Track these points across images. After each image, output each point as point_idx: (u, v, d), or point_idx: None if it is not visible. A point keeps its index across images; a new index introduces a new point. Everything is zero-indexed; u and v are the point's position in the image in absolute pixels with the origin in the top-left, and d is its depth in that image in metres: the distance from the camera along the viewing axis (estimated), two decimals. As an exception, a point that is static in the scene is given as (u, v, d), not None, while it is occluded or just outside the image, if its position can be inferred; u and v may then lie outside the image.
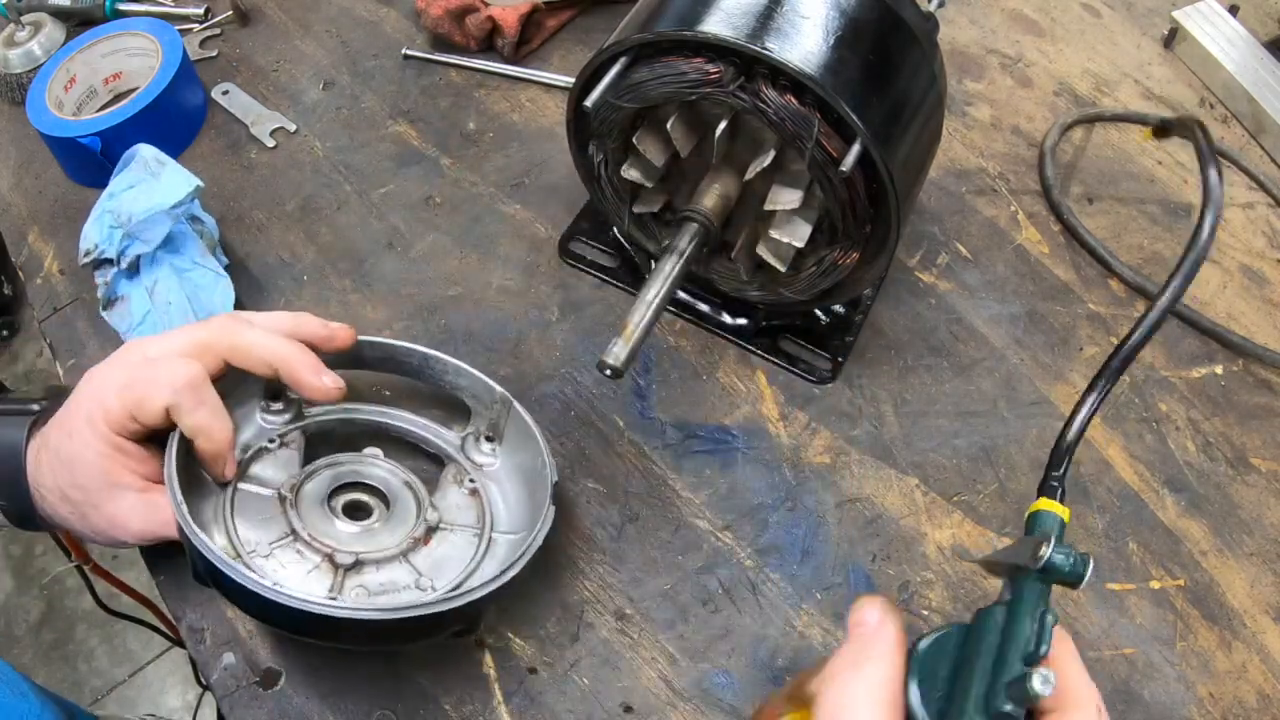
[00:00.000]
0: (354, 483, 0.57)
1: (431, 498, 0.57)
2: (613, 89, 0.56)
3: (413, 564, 0.53)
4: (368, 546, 0.53)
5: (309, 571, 0.51)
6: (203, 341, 0.51)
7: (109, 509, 0.51)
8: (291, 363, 0.51)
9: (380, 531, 0.54)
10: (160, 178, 0.68)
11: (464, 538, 0.56)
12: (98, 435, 0.50)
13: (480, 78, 0.85)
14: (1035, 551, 0.38)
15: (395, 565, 0.53)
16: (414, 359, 0.60)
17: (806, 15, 0.53)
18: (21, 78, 0.83)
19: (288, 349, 0.52)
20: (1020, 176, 0.81)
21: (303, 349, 0.52)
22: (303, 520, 0.53)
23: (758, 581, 0.60)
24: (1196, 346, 0.73)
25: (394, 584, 0.52)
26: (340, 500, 0.56)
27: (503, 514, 0.58)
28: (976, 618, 0.38)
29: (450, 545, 0.55)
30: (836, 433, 0.66)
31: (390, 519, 0.55)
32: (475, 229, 0.75)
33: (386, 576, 0.52)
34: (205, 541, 0.46)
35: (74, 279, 0.73)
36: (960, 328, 0.72)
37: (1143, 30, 0.95)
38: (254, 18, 0.89)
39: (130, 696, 1.62)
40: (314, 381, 0.52)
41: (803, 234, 0.58)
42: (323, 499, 0.55)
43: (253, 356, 0.51)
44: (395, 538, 0.54)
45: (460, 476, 0.59)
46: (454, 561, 0.54)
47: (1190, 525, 0.65)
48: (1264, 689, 0.59)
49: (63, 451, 0.51)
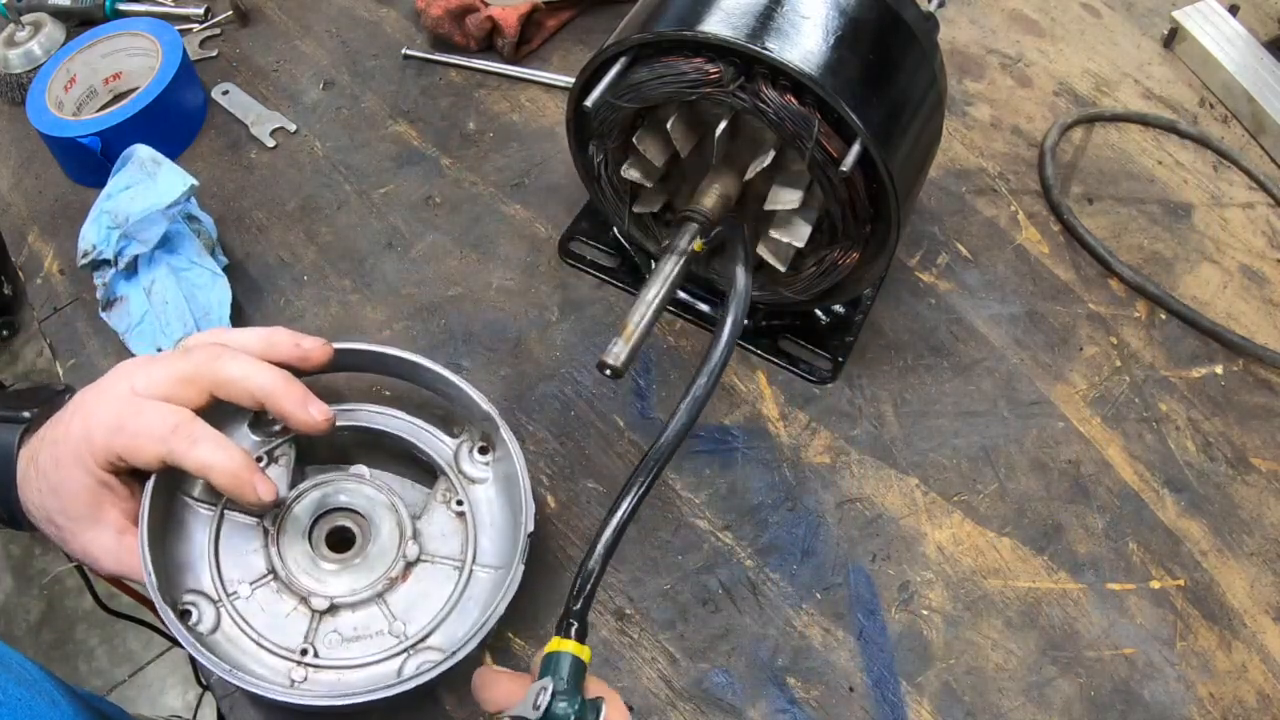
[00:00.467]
0: (338, 508, 0.56)
1: (417, 522, 0.56)
2: (613, 89, 0.56)
3: (388, 605, 0.53)
4: (344, 587, 0.53)
5: (287, 615, 0.52)
6: (187, 376, 0.50)
7: (84, 540, 0.51)
8: (277, 396, 0.50)
9: (360, 568, 0.53)
10: (156, 178, 0.68)
11: (444, 572, 0.55)
12: (84, 470, 0.49)
13: (480, 78, 0.85)
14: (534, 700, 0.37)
15: (370, 607, 0.53)
16: (403, 367, 0.59)
17: (806, 15, 0.53)
18: (21, 78, 0.83)
19: (273, 382, 0.50)
20: (1020, 176, 0.81)
21: (289, 379, 0.51)
22: (283, 556, 0.53)
23: (758, 581, 0.60)
24: (1196, 346, 0.73)
25: (367, 629, 0.52)
26: (324, 528, 0.55)
27: (486, 545, 0.56)
28: None
29: (429, 581, 0.54)
30: (836, 433, 0.66)
31: (370, 552, 0.54)
32: (475, 229, 0.75)
33: (361, 620, 0.53)
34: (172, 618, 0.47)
35: (74, 279, 0.73)
36: (960, 328, 0.72)
37: (1143, 30, 0.95)
38: (254, 18, 0.89)
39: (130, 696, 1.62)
40: (300, 415, 0.50)
41: (803, 234, 0.58)
42: (305, 530, 0.54)
43: (238, 389, 0.50)
44: (372, 575, 0.53)
45: (449, 495, 0.57)
46: (431, 600, 0.54)
47: (1190, 525, 0.65)
48: (1264, 689, 0.59)
49: (50, 477, 0.50)
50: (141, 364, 0.51)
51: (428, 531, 0.56)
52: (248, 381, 0.50)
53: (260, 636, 0.50)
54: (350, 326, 0.70)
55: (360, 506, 0.56)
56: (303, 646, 0.51)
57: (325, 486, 0.56)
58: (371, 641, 0.52)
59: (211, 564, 0.52)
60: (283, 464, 0.56)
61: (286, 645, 0.51)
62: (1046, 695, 0.58)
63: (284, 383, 0.50)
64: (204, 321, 0.66)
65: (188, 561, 0.52)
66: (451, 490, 0.58)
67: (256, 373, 0.50)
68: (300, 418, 0.50)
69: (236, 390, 0.50)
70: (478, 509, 0.58)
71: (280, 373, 0.51)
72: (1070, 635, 0.60)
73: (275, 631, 0.51)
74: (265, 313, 0.71)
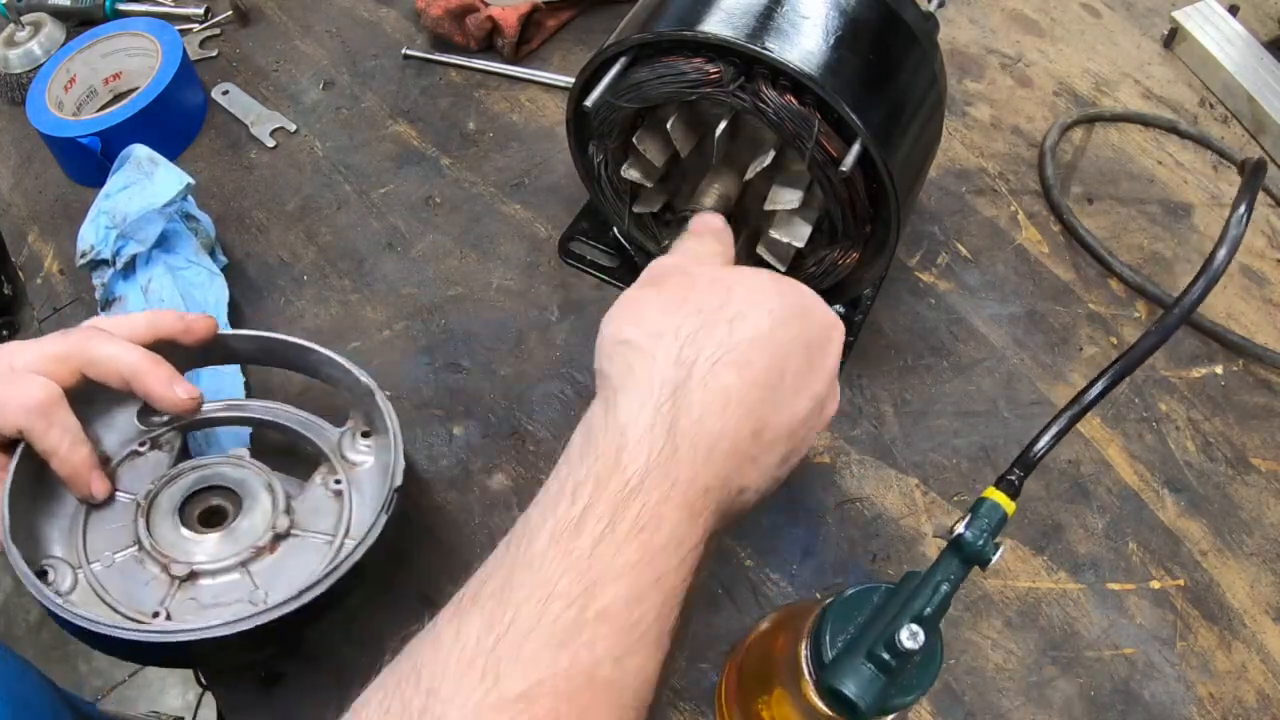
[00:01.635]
0: (214, 487, 0.55)
1: (293, 500, 0.55)
2: (613, 89, 0.56)
3: (251, 575, 0.52)
4: (209, 556, 0.52)
5: (146, 583, 0.51)
6: (60, 354, 0.50)
7: None
8: (141, 374, 0.50)
9: (227, 539, 0.53)
10: (154, 177, 0.68)
11: (314, 545, 0.54)
12: None
13: (480, 78, 0.85)
14: (952, 527, 0.42)
15: (232, 576, 0.52)
16: (289, 351, 0.58)
17: (806, 15, 0.53)
18: (21, 78, 0.83)
19: (139, 361, 0.51)
20: (1020, 176, 0.81)
21: (156, 360, 0.51)
22: (150, 529, 0.52)
23: (758, 581, 0.60)
24: (1196, 346, 0.73)
25: (226, 596, 0.51)
26: (197, 507, 0.55)
27: (363, 519, 0.55)
28: (903, 579, 0.42)
29: (299, 554, 0.53)
30: (836, 433, 0.66)
31: (240, 526, 0.54)
32: (475, 229, 0.75)
33: (222, 588, 0.52)
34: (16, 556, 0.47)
35: (74, 279, 0.73)
36: (960, 328, 0.72)
37: (1143, 30, 0.95)
38: (254, 18, 0.89)
39: (130, 696, 1.62)
40: (165, 393, 0.51)
41: (803, 234, 0.58)
42: (177, 505, 0.54)
43: (105, 369, 0.50)
44: (238, 546, 0.53)
45: (328, 477, 0.57)
46: (299, 571, 0.53)
47: (1190, 525, 0.65)
48: (1264, 689, 0.59)
49: None
50: (23, 344, 0.52)
51: (302, 509, 0.55)
52: (116, 361, 0.50)
53: (114, 600, 0.50)
54: (350, 326, 0.70)
55: (236, 485, 0.55)
56: (155, 610, 0.50)
57: (205, 469, 0.56)
58: (228, 609, 0.51)
59: (80, 533, 0.52)
60: (165, 450, 0.56)
61: (140, 609, 0.50)
62: (1046, 695, 0.58)
63: (150, 363, 0.51)
64: (203, 321, 0.66)
65: (58, 530, 0.52)
66: (331, 472, 0.57)
67: (125, 353, 0.51)
68: (166, 395, 0.51)
69: (106, 369, 0.50)
70: (357, 486, 0.57)
71: (148, 354, 0.51)
72: (1070, 635, 0.60)
73: (130, 597, 0.50)
74: (265, 313, 0.71)
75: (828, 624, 0.42)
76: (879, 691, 0.39)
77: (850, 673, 0.39)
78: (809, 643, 0.42)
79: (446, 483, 0.64)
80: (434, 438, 0.65)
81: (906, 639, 0.39)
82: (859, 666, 0.39)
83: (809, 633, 0.43)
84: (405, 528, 0.58)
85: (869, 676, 0.39)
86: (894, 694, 0.40)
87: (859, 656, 0.39)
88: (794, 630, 0.45)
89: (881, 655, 0.39)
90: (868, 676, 0.39)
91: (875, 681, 0.39)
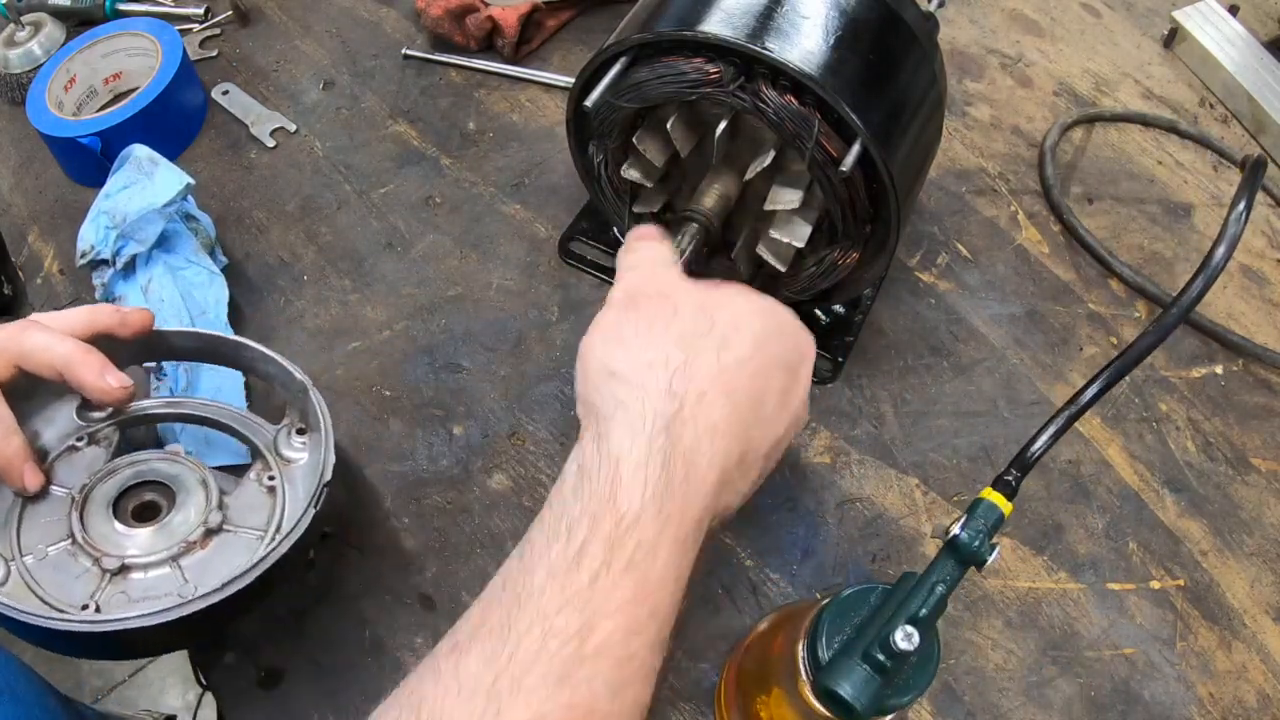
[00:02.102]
0: (149, 482, 0.56)
1: (226, 496, 0.56)
2: (613, 89, 0.56)
3: (182, 569, 0.52)
4: (141, 550, 0.52)
5: (78, 577, 0.51)
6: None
7: None
8: (73, 364, 0.50)
9: (159, 534, 0.53)
10: (153, 177, 0.68)
11: (246, 541, 0.54)
12: None
13: (480, 78, 0.85)
14: (948, 528, 0.42)
15: (163, 570, 0.52)
16: (226, 347, 0.59)
17: (806, 15, 0.53)
18: (21, 78, 0.83)
19: (71, 352, 0.51)
20: (1020, 176, 0.81)
21: (87, 350, 0.51)
22: (84, 523, 0.52)
23: (758, 581, 0.60)
24: (1196, 346, 0.73)
25: (157, 590, 0.52)
26: (131, 501, 0.55)
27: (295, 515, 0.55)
28: (899, 580, 0.43)
29: (231, 550, 0.54)
30: (836, 433, 0.66)
31: (173, 521, 0.54)
32: (475, 229, 0.75)
33: (152, 582, 0.52)
34: None
35: (74, 279, 0.73)
36: (960, 328, 0.72)
37: (1143, 30, 0.95)
38: (254, 18, 0.89)
39: (130, 696, 1.62)
40: (96, 382, 0.51)
41: (803, 234, 0.58)
42: (111, 500, 0.54)
43: (38, 361, 0.50)
44: (170, 541, 0.53)
45: (263, 474, 0.57)
46: (229, 566, 0.52)
47: (1190, 525, 0.65)
48: (1264, 689, 0.59)
49: None
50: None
51: (235, 505, 0.56)
52: (48, 352, 0.50)
53: (46, 593, 0.50)
54: (350, 326, 0.70)
55: (170, 481, 0.55)
56: (85, 603, 0.50)
57: (140, 465, 0.56)
58: (157, 603, 0.50)
59: (14, 527, 0.52)
60: (103, 445, 0.56)
61: (71, 602, 0.50)
62: (1046, 695, 0.58)
63: (81, 353, 0.51)
64: (200, 320, 0.66)
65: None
66: (266, 468, 0.57)
67: (57, 344, 0.51)
68: (97, 385, 0.51)
69: (38, 361, 0.50)
70: (291, 483, 0.57)
71: (81, 345, 0.51)
72: (1070, 635, 0.60)
73: (62, 590, 0.50)
74: (265, 313, 0.71)
75: (824, 625, 0.42)
76: (875, 692, 0.39)
77: (846, 674, 0.39)
78: (806, 643, 0.42)
79: (446, 483, 0.64)
80: (434, 438, 0.65)
81: (901, 640, 0.39)
82: (855, 667, 0.39)
83: (806, 633, 0.43)
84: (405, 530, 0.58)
85: (864, 677, 0.39)
86: (890, 695, 0.40)
87: (855, 657, 0.40)
88: (792, 631, 0.45)
89: (877, 656, 0.39)
90: (863, 677, 0.39)
91: (871, 682, 0.39)
